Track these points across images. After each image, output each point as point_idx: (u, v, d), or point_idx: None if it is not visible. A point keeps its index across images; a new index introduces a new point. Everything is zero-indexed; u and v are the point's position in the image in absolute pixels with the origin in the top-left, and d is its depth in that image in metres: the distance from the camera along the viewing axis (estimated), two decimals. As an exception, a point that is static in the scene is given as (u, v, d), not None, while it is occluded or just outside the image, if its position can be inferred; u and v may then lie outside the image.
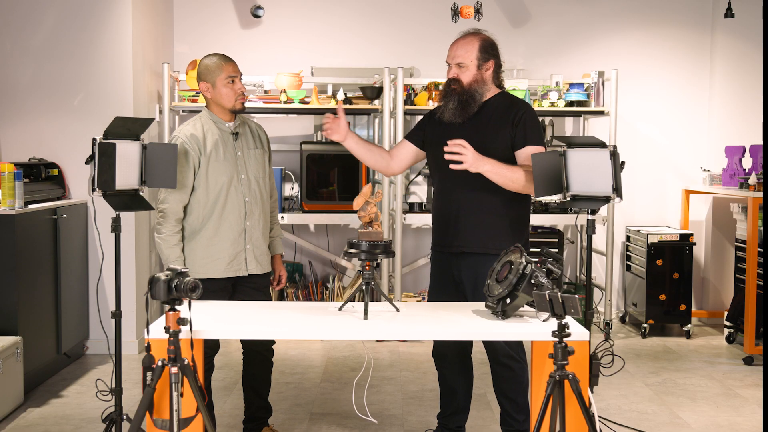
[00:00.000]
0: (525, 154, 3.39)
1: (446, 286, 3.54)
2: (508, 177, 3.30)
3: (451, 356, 3.61)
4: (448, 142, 3.26)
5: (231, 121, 3.59)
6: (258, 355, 3.72)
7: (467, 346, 3.63)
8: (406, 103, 5.80)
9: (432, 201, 3.59)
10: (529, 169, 3.33)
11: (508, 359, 3.44)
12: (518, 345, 3.45)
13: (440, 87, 5.33)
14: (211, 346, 3.54)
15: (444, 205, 3.50)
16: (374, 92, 5.89)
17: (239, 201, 3.53)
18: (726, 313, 5.82)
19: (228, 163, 3.52)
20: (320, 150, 5.82)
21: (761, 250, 5.38)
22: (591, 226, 3.35)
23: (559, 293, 2.56)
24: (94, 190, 3.18)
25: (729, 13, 5.88)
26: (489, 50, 3.47)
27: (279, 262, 3.82)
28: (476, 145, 3.32)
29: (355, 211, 3.14)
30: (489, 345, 3.47)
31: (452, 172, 3.31)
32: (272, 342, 3.77)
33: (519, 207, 3.48)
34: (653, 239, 5.94)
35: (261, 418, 3.78)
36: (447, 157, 3.26)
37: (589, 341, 2.84)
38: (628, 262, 6.39)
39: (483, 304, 3.12)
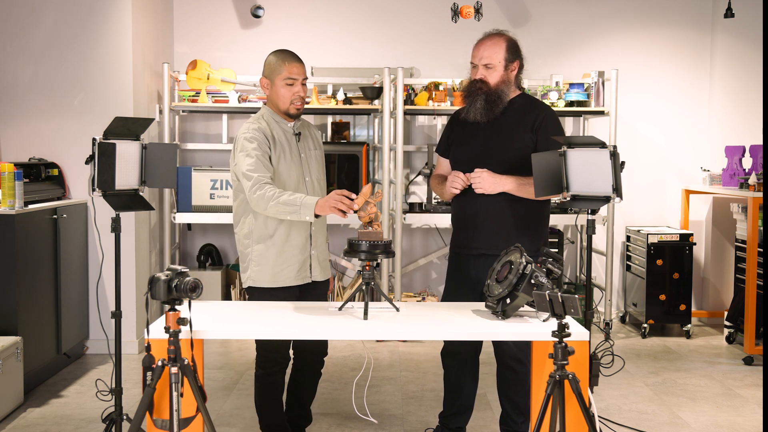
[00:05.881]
0: None
1: (463, 286, 3.52)
2: (530, 192, 3.35)
3: (463, 355, 3.59)
4: (469, 177, 3.37)
5: (292, 121, 3.43)
6: (312, 357, 3.57)
7: (478, 346, 3.62)
8: (406, 103, 5.80)
9: (452, 202, 3.59)
10: None
11: (513, 362, 3.44)
12: (527, 348, 3.36)
13: (460, 87, 5.27)
14: (283, 353, 3.40)
15: (464, 206, 3.50)
16: (374, 92, 5.88)
17: None
18: (726, 313, 5.82)
19: (294, 164, 3.38)
20: (320, 150, 5.80)
21: (761, 250, 5.38)
22: (591, 226, 3.35)
23: (559, 293, 2.56)
24: (94, 190, 3.18)
25: (729, 13, 5.88)
26: (515, 51, 3.48)
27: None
28: (498, 145, 3.42)
29: (355, 211, 3.14)
30: (497, 346, 3.47)
31: (471, 172, 3.39)
32: (325, 353, 3.62)
33: (538, 208, 3.48)
34: (653, 239, 5.94)
35: (300, 426, 3.64)
36: (470, 180, 3.38)
37: (589, 341, 2.84)
38: (628, 262, 6.39)
39: (483, 304, 3.12)
